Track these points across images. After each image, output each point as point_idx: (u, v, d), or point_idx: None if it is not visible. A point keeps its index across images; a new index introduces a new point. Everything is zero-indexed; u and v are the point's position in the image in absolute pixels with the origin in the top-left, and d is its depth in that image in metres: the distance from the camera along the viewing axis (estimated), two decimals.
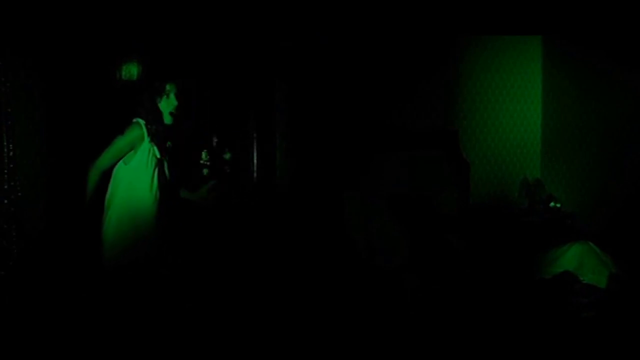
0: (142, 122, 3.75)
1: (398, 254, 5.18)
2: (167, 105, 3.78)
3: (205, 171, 4.69)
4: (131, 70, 4.80)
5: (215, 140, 4.56)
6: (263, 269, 4.91)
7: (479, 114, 6.49)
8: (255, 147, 5.41)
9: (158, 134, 3.78)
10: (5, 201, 3.97)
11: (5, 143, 3.95)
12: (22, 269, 4.08)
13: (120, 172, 3.76)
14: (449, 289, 5.03)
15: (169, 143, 3.81)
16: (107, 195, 3.79)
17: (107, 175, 3.78)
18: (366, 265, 5.17)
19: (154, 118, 3.76)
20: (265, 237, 5.17)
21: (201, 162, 4.70)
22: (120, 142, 3.71)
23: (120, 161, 3.74)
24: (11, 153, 3.97)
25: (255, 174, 5.44)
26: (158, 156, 3.81)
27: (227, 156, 4.61)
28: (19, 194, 4.03)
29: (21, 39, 4.20)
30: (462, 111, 6.39)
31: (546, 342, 4.38)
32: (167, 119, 3.80)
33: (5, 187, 3.96)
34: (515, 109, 6.66)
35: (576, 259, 5.42)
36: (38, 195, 4.31)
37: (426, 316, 4.68)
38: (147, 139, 3.74)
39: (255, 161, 5.43)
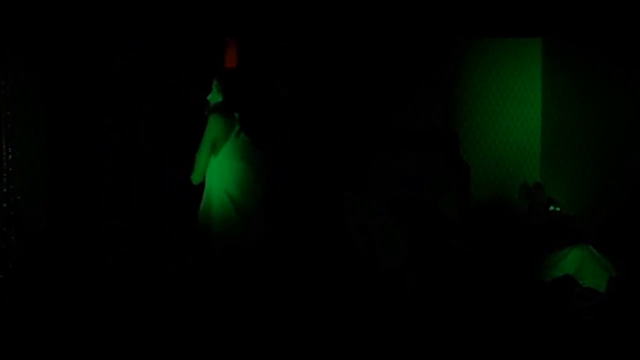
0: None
1: (398, 256, 5.16)
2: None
3: None
4: None
5: None
6: (263, 268, 4.89)
7: (479, 117, 6.49)
8: None
9: None
10: (5, 204, 3.96)
11: (4, 146, 3.95)
12: (22, 272, 4.07)
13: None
14: (449, 291, 5.03)
15: None
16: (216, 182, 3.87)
17: None
18: (366, 266, 5.16)
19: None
20: (264, 237, 5.15)
21: None
22: None
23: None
24: (10, 156, 3.97)
25: None
26: None
27: None
28: (18, 197, 4.02)
29: (21, 39, 4.19)
30: (463, 113, 6.39)
31: (546, 345, 4.38)
32: None
33: (5, 190, 3.96)
34: (515, 111, 6.66)
35: (576, 263, 5.43)
36: (38, 198, 4.30)
37: (426, 316, 4.68)
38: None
39: None
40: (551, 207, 6.33)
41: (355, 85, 5.78)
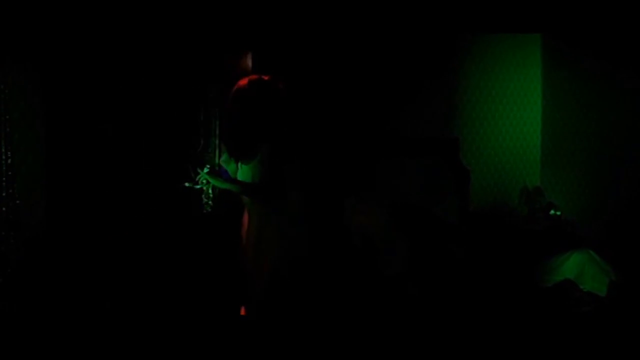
0: None
1: (399, 262, 5.16)
2: None
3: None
4: None
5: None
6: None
7: (479, 121, 6.50)
8: None
9: None
10: (4, 208, 3.97)
11: (3, 150, 3.95)
12: (21, 276, 4.07)
13: None
14: (449, 295, 5.02)
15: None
16: None
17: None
18: (366, 272, 5.15)
19: None
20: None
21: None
22: None
23: None
24: (9, 160, 3.97)
25: None
26: None
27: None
28: (18, 201, 4.02)
29: (21, 44, 4.20)
30: (462, 118, 6.40)
31: (547, 349, 4.37)
32: None
33: (4, 194, 3.96)
34: (515, 116, 6.67)
35: (576, 267, 5.43)
36: (37, 202, 4.31)
37: (426, 322, 4.67)
38: None
39: None
40: (551, 212, 6.33)
41: (355, 92, 5.79)
